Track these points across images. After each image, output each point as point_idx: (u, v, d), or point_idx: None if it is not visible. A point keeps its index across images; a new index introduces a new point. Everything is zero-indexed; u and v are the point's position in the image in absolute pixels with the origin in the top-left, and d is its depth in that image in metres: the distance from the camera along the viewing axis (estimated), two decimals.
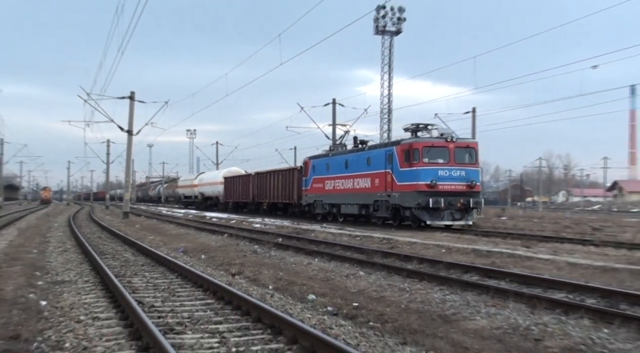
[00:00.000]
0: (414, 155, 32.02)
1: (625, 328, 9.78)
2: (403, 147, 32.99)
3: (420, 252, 20.52)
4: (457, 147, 32.37)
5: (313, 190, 44.23)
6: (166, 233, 33.63)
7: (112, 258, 19.81)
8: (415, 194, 31.48)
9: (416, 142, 32.49)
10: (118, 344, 8.48)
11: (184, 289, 13.55)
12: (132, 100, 53.16)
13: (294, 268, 17.88)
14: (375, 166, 35.47)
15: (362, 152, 38.11)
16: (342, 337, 8.84)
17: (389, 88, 67.14)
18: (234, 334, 9.05)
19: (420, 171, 31.65)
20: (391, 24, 66.55)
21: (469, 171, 32.39)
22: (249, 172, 62.85)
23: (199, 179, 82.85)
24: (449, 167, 31.95)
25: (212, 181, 75.92)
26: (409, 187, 32.10)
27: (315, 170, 44.02)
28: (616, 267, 15.43)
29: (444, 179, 31.61)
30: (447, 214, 31.60)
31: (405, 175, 32.52)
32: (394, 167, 33.41)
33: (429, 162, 31.88)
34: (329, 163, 42.26)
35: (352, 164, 38.65)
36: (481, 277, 15.40)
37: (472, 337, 9.42)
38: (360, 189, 37.25)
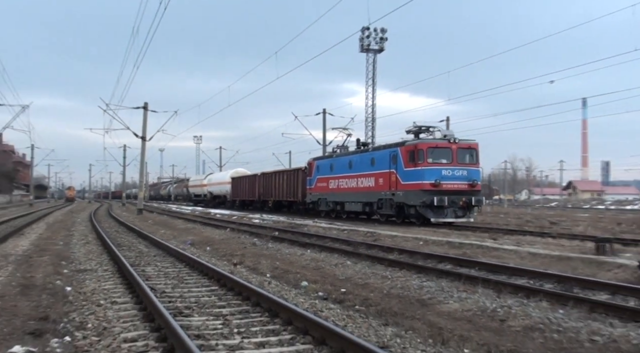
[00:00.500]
0: (419, 156, 30.39)
1: (577, 309, 9.83)
2: (408, 148, 31.34)
3: (401, 244, 20.54)
4: (459, 147, 30.71)
5: (317, 189, 42.45)
6: (175, 227, 33.55)
7: (128, 249, 19.77)
8: (420, 193, 29.86)
9: (421, 143, 30.84)
10: (134, 325, 8.49)
11: (191, 277, 13.54)
12: (145, 110, 53.22)
13: (289, 258, 17.87)
14: (379, 166, 33.82)
15: (366, 153, 36.39)
16: (332, 318, 8.86)
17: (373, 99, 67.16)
18: (235, 317, 9.06)
19: (425, 171, 30.07)
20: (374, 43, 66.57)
21: (470, 171, 30.78)
22: (255, 173, 61.22)
23: (208, 179, 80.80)
24: (452, 167, 30.36)
25: (220, 181, 74.11)
26: (413, 186, 30.51)
27: (320, 171, 42.30)
28: (570, 256, 15.48)
29: (447, 179, 30.09)
30: (450, 212, 30.13)
31: (409, 174, 30.94)
32: (399, 167, 31.74)
33: (433, 162, 30.30)
34: (332, 164, 40.55)
35: (356, 164, 36.89)
36: (454, 265, 15.43)
37: (446, 319, 9.45)
38: (364, 188, 35.60)
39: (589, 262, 14.55)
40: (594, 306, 9.93)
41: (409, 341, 7.71)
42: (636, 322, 9.03)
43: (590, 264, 14.37)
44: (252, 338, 7.72)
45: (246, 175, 64.42)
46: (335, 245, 21.10)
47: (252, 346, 7.33)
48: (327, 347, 7.13)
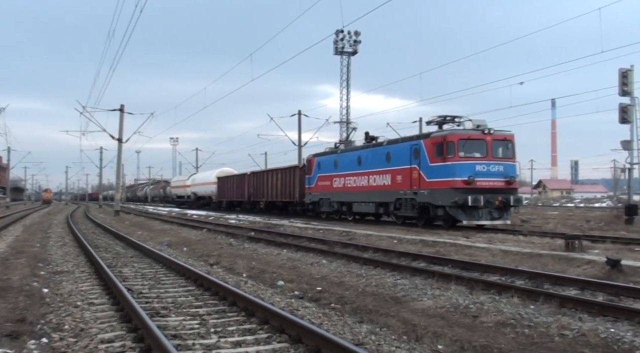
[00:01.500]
0: (449, 149, 26.48)
1: (547, 305, 9.92)
2: (434, 140, 27.40)
3: (375, 243, 20.59)
4: (494, 139, 26.95)
5: (318, 188, 38.80)
6: (152, 229, 33.36)
7: (105, 251, 19.62)
8: (450, 191, 26.03)
9: (451, 134, 26.88)
10: (111, 326, 8.43)
11: (168, 278, 13.47)
12: (121, 112, 52.94)
13: (265, 258, 17.85)
14: (397, 162, 29.92)
15: (380, 148, 32.28)
16: (308, 317, 8.85)
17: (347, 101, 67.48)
18: (212, 316, 9.02)
19: (456, 166, 26.24)
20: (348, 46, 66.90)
21: (507, 166, 27.08)
22: (244, 172, 57.83)
23: (192, 180, 76.92)
24: (486, 161, 26.60)
25: (204, 181, 70.26)
26: (442, 183, 26.62)
27: (321, 168, 38.55)
28: (541, 253, 15.61)
29: (481, 175, 26.32)
30: (485, 213, 26.23)
31: (436, 170, 27.02)
32: (422, 163, 27.84)
33: (465, 156, 26.47)
34: (337, 160, 36.68)
35: (367, 160, 33.02)
36: (427, 263, 15.50)
37: (420, 315, 9.49)
38: (377, 187, 31.70)
39: (558, 259, 14.69)
40: (563, 301, 10.03)
41: (383, 338, 7.74)
42: (604, 316, 9.13)
43: (560, 261, 14.51)
44: (229, 337, 7.70)
45: (234, 175, 61.27)
46: (311, 244, 21.10)
47: (228, 345, 7.31)
48: (303, 345, 7.13)
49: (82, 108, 51.45)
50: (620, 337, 7.84)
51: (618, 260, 12.91)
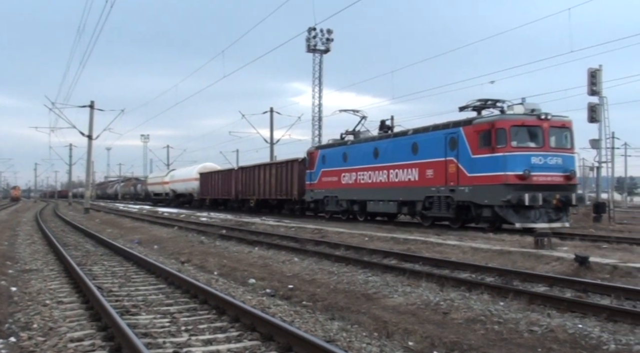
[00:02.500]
0: (499, 137, 22.60)
1: (517, 301, 10.02)
2: (479, 127, 23.53)
3: (347, 240, 20.64)
4: (551, 126, 23.09)
5: (322, 185, 34.90)
6: (123, 226, 33.11)
7: (74, 249, 19.44)
8: (501, 188, 22.21)
9: (502, 120, 22.96)
10: (80, 325, 8.35)
11: (138, 276, 13.39)
12: (92, 109, 52.53)
13: (237, 256, 17.81)
14: (426, 154, 26.13)
15: (403, 138, 28.25)
16: (279, 315, 8.85)
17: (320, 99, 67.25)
18: (183, 315, 8.99)
19: (508, 158, 22.37)
20: (321, 44, 66.69)
21: (565, 158, 23.29)
22: (231, 167, 54.00)
23: (170, 176, 71.74)
24: (543, 152, 22.74)
25: (185, 177, 65.61)
26: (489, 179, 22.82)
27: (326, 162, 34.66)
28: (511, 250, 15.76)
29: (538, 168, 22.52)
30: (542, 214, 22.44)
31: (481, 163, 23.19)
32: (461, 154, 24.03)
33: (518, 146, 22.66)
34: (346, 152, 32.70)
35: (386, 152, 29.10)
36: (399, 261, 15.57)
37: (391, 312, 9.54)
38: (400, 183, 27.89)
39: (528, 256, 14.84)
40: (532, 298, 10.14)
41: (354, 335, 7.77)
42: (572, 312, 9.25)
43: (529, 258, 14.66)
44: (200, 335, 7.67)
45: (218, 170, 57.35)
46: (283, 242, 21.08)
47: (199, 343, 7.29)
48: (275, 343, 7.13)
49: (52, 104, 50.98)
50: (588, 333, 7.95)
51: (586, 257, 13.08)
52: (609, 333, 7.94)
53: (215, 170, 58.73)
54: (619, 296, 10.14)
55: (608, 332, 8.01)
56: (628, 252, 15.37)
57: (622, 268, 12.35)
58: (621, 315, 8.79)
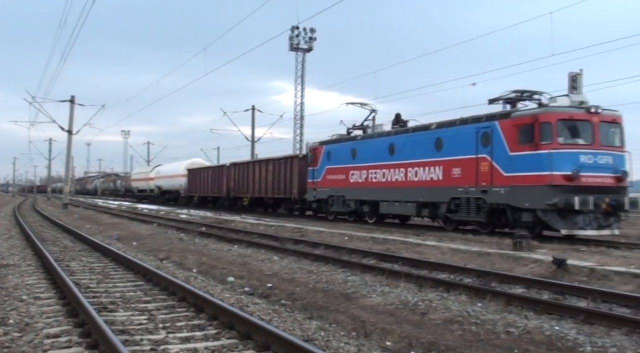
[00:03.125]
0: (543, 133, 20.06)
1: (495, 302, 10.09)
2: (519, 120, 21.01)
3: (327, 240, 20.66)
4: (602, 121, 20.49)
5: (327, 183, 32.39)
6: (101, 222, 32.93)
7: (52, 244, 19.28)
8: (546, 190, 19.70)
9: (547, 113, 20.31)
10: (57, 321, 8.29)
11: (117, 272, 13.31)
12: (72, 103, 52.18)
13: (216, 254, 17.77)
14: (452, 150, 23.67)
15: (424, 133, 25.75)
16: (257, 313, 8.84)
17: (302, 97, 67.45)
18: (161, 312, 8.95)
19: (554, 156, 19.75)
20: (304, 42, 66.82)
21: (616, 157, 20.65)
22: (223, 163, 50.89)
23: (156, 172, 68.66)
24: (593, 150, 20.14)
25: (171, 174, 62.64)
26: (530, 179, 20.28)
27: (332, 159, 32.16)
28: (489, 252, 15.84)
29: (588, 168, 19.92)
30: (592, 219, 19.88)
31: (522, 161, 20.66)
32: (496, 151, 21.50)
33: (565, 142, 20.07)
34: (356, 148, 30.22)
35: (404, 148, 26.64)
36: (378, 260, 15.61)
37: (369, 312, 9.57)
38: (421, 182, 25.43)
39: (506, 258, 14.93)
40: (510, 299, 10.21)
41: (332, 334, 7.77)
42: (549, 314, 9.32)
43: (507, 259, 14.75)
44: (177, 333, 7.64)
45: (208, 166, 54.96)
46: (263, 240, 21.05)
47: (177, 341, 7.26)
48: (253, 342, 7.12)
49: (32, 98, 50.71)
50: (564, 335, 8.01)
51: (564, 259, 13.18)
52: (585, 335, 8.01)
53: (204, 166, 56.65)
54: (596, 299, 10.22)
55: (584, 334, 8.08)
56: (605, 255, 15.51)
57: (599, 271, 12.45)
58: (597, 317, 8.87)
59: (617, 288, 11.21)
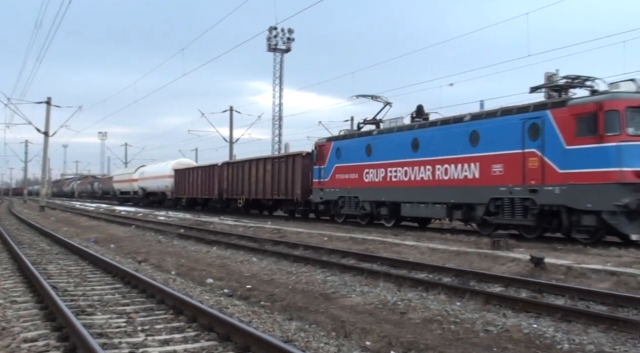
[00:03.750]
0: (609, 122, 17.28)
1: (473, 301, 10.15)
2: (578, 109, 18.11)
3: (306, 240, 20.65)
4: None
5: (336, 183, 29.40)
6: (79, 225, 32.70)
7: (29, 247, 19.11)
8: (614, 189, 16.93)
9: (613, 100, 17.49)
10: (34, 325, 8.21)
11: (94, 275, 13.21)
12: (48, 105, 51.78)
13: (194, 255, 17.70)
14: (492, 144, 20.70)
15: (456, 125, 22.71)
16: (237, 315, 8.81)
17: (280, 98, 67.46)
18: (139, 314, 8.89)
19: (624, 149, 17.03)
20: (282, 43, 66.85)
21: None
22: (214, 163, 47.74)
23: (140, 173, 64.74)
24: None
25: (157, 174, 58.97)
26: (594, 176, 17.43)
27: (342, 156, 29.18)
28: (468, 251, 15.91)
29: None
30: None
31: (582, 156, 17.84)
32: (548, 144, 18.68)
33: (636, 134, 17.28)
34: (372, 144, 27.15)
35: (430, 143, 23.72)
36: (357, 260, 15.63)
37: (349, 312, 9.58)
38: (453, 181, 22.49)
39: (484, 257, 15.01)
40: (488, 298, 10.27)
41: (312, 335, 7.77)
42: (527, 312, 9.38)
43: (486, 258, 14.83)
44: (156, 335, 7.59)
45: (198, 166, 51.56)
46: (242, 242, 21.01)
47: (156, 344, 7.22)
48: (232, 343, 7.10)
49: (7, 99, 50.27)
50: (542, 333, 8.07)
51: (541, 258, 13.27)
52: (563, 333, 8.07)
53: (192, 166, 53.88)
54: (573, 296, 10.30)
55: (562, 331, 8.14)
56: (582, 253, 15.62)
57: (576, 269, 12.56)
58: (575, 315, 8.95)
59: (594, 286, 11.32)
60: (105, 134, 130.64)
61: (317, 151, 31.16)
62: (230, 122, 60.34)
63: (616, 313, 9.08)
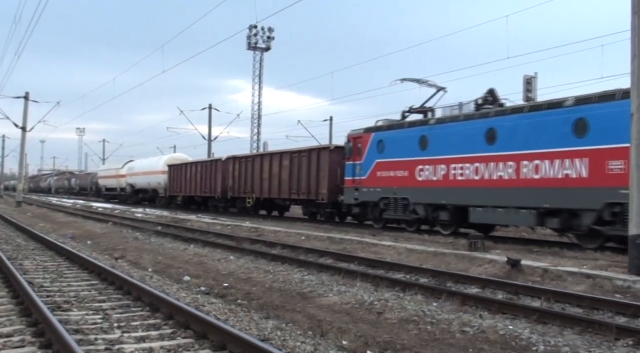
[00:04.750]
0: None
1: (450, 302, 10.19)
2: None
3: (284, 239, 20.64)
4: None
5: (377, 182, 25.30)
6: (55, 221, 32.42)
7: (4, 243, 18.92)
8: None
9: None
10: (9, 320, 8.13)
11: (71, 271, 13.11)
12: (26, 100, 51.25)
13: (172, 253, 17.63)
14: (607, 135, 16.83)
15: (551, 112, 18.72)
16: (213, 313, 8.78)
17: (259, 97, 67.39)
18: (116, 311, 8.84)
19: None
20: (262, 42, 66.79)
21: None
22: (217, 157, 43.46)
23: (128, 168, 59.97)
24: None
25: (147, 170, 54.65)
26: None
27: (385, 149, 24.98)
28: (445, 252, 15.97)
29: None
30: None
31: None
32: None
33: None
34: (427, 135, 23.10)
35: (512, 134, 19.77)
36: (334, 260, 15.65)
37: (326, 311, 9.59)
38: (547, 181, 18.58)
39: (462, 258, 15.08)
40: (465, 299, 10.31)
41: (289, 333, 7.76)
42: (504, 313, 9.43)
43: (463, 259, 14.90)
44: (133, 332, 7.55)
45: (198, 161, 45.93)
46: (219, 240, 20.96)
47: (132, 340, 7.17)
48: (208, 341, 7.07)
49: None
50: (518, 334, 8.12)
51: (518, 260, 13.36)
52: (539, 334, 8.13)
53: (188, 161, 48.85)
54: (549, 298, 10.37)
55: (538, 333, 8.19)
56: (558, 256, 15.76)
57: (552, 271, 12.64)
58: (551, 317, 9.01)
59: (569, 288, 11.40)
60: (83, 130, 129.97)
61: (352, 144, 26.97)
62: (209, 120, 60.30)
63: (592, 316, 9.15)
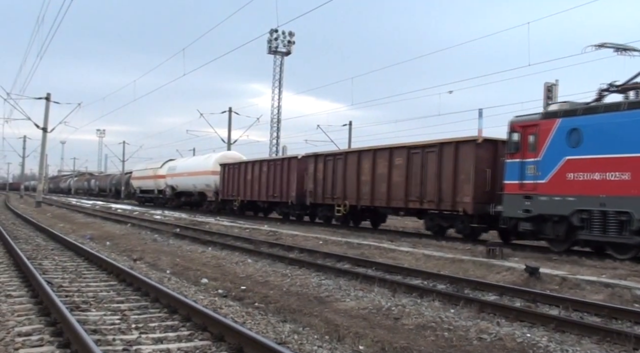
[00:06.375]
0: None
1: (467, 309, 10.14)
2: None
3: (301, 243, 20.63)
4: None
5: (566, 188, 17.83)
6: (75, 221, 32.63)
7: (25, 242, 19.08)
8: None
9: None
10: (28, 319, 8.21)
11: (89, 272, 13.20)
12: (48, 101, 51.72)
13: (190, 255, 17.68)
14: None
15: None
16: (231, 315, 8.81)
17: (279, 101, 67.57)
18: (134, 312, 8.89)
19: None
20: (282, 46, 66.95)
21: None
22: (292, 155, 37.40)
23: (169, 168, 53.17)
24: None
25: (193, 170, 47.44)
26: None
27: (583, 142, 17.42)
28: (463, 259, 15.91)
29: None
30: None
31: None
32: None
33: None
34: None
35: None
36: (352, 265, 15.63)
37: (343, 316, 9.57)
38: None
39: (479, 265, 15.01)
40: (483, 306, 10.27)
41: (306, 337, 7.77)
42: (521, 321, 9.39)
43: (481, 267, 14.83)
44: (150, 333, 7.59)
45: (263, 159, 39.02)
46: (237, 243, 21.00)
47: (149, 341, 7.22)
48: (226, 344, 7.09)
49: (7, 94, 50.14)
50: (536, 342, 8.07)
51: (536, 268, 13.28)
52: (557, 343, 8.07)
53: (248, 159, 41.64)
54: (567, 307, 10.31)
55: (555, 341, 8.14)
56: (577, 264, 15.64)
57: (571, 280, 12.56)
58: (569, 325, 8.95)
59: (588, 297, 11.31)
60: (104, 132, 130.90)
61: (519, 136, 19.52)
62: (229, 123, 60.37)
63: (610, 325, 9.09)
